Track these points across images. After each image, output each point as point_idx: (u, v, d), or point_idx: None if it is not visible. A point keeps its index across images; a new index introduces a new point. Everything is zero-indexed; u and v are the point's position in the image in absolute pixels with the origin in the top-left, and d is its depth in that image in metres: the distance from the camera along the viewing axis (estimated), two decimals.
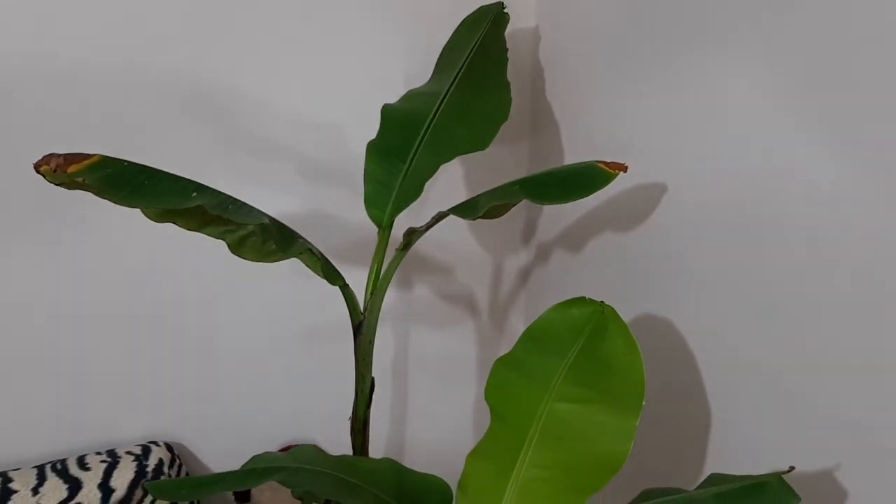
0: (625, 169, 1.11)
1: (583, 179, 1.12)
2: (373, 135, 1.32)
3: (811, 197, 0.93)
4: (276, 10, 1.44)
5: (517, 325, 1.88)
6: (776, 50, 0.96)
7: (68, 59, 1.34)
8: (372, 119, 1.32)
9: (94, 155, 0.89)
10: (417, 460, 1.14)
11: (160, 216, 0.97)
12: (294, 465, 0.94)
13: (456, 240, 1.77)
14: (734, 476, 0.91)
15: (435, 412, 1.88)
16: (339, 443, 1.17)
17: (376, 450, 1.25)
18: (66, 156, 0.86)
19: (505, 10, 1.45)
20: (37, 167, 0.85)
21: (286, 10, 1.45)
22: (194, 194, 0.93)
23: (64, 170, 0.85)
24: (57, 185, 0.87)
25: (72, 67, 1.34)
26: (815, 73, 0.91)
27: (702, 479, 1.02)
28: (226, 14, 1.41)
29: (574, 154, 1.54)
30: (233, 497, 1.64)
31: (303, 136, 1.54)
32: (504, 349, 1.05)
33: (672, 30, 1.18)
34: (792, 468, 0.86)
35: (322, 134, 1.55)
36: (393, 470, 1.04)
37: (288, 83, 1.50)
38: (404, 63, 1.55)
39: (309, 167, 1.56)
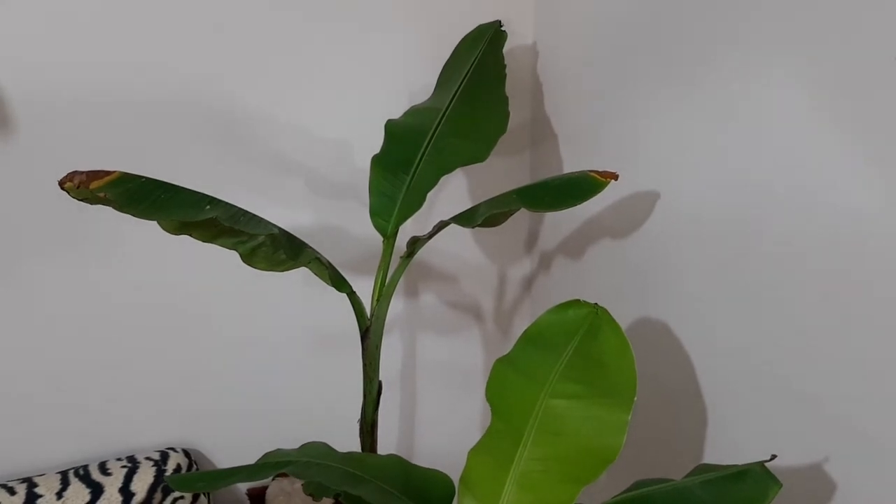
0: (615, 177, 1.15)
1: (576, 188, 1.16)
2: (377, 149, 1.36)
3: (792, 203, 0.97)
4: (287, 34, 1.49)
5: (521, 331, 1.88)
6: (763, 66, 1.00)
7: (89, 84, 1.38)
8: (376, 135, 1.37)
9: (115, 172, 0.94)
10: (424, 461, 1.18)
11: (176, 229, 1.02)
12: (305, 458, 0.98)
13: (462, 250, 1.80)
14: (720, 465, 0.94)
15: (442, 415, 1.90)
16: (349, 446, 1.21)
17: (385, 451, 1.29)
18: (88, 173, 0.91)
19: (502, 28, 1.49)
20: (61, 184, 0.90)
21: (296, 35, 1.50)
22: (208, 207, 0.98)
23: (87, 186, 0.90)
24: (80, 200, 0.91)
25: (92, 92, 1.38)
26: (800, 86, 0.95)
27: None
28: (239, 38, 1.46)
29: (572, 164, 1.58)
30: (248, 501, 1.68)
31: (311, 152, 1.58)
32: None
33: (663, 46, 1.22)
34: (774, 456, 0.90)
35: (329, 149, 1.59)
36: (399, 465, 1.08)
37: (297, 102, 1.54)
38: (407, 81, 1.58)
39: (317, 181, 1.60)
